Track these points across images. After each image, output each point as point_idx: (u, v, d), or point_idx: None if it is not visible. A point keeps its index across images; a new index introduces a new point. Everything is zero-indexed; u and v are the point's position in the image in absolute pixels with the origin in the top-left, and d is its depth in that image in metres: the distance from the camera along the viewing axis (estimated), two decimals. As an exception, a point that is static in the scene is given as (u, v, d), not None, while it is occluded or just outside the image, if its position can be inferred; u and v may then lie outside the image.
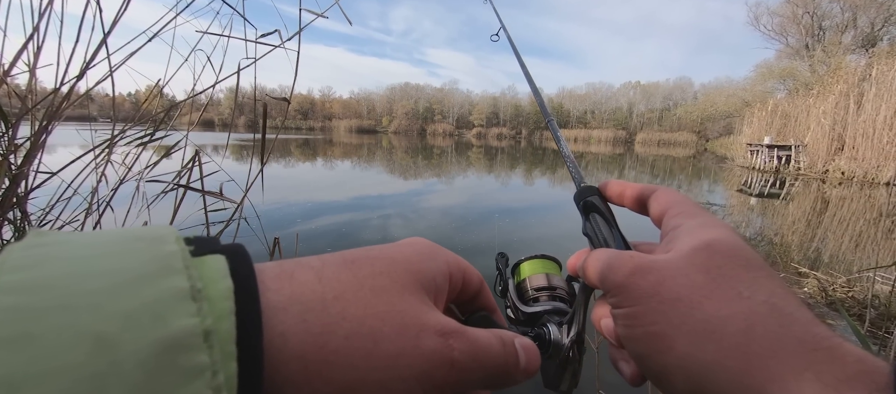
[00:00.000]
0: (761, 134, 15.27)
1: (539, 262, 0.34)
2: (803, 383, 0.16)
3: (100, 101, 7.53)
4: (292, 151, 14.95)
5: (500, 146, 26.76)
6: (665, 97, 59.05)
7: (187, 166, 0.97)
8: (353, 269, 0.17)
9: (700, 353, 0.18)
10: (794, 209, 6.42)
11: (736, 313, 0.18)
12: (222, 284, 0.12)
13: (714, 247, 0.21)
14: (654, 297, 0.20)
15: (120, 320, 0.10)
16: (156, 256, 0.12)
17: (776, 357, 0.17)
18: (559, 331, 0.28)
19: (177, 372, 0.10)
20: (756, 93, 29.43)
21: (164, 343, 0.10)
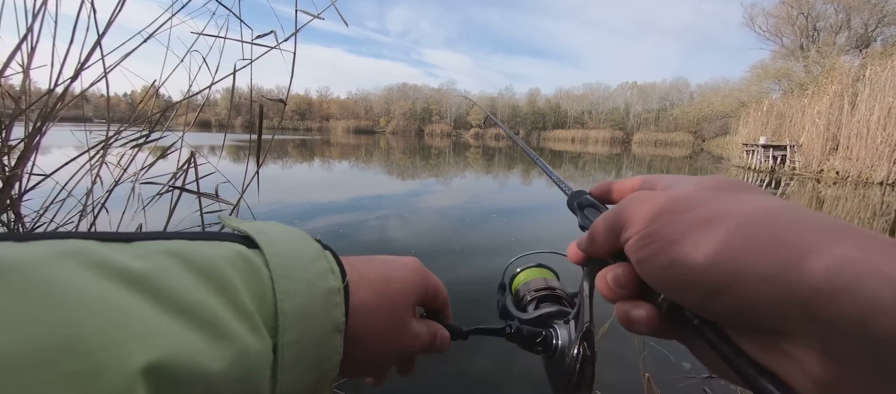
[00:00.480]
0: (757, 134, 15.38)
1: (535, 270, 0.35)
2: (838, 249, 0.15)
3: (95, 101, 7.49)
4: (290, 152, 14.90)
5: (497, 147, 26.80)
6: (662, 98, 59.34)
7: (183, 168, 0.97)
8: (388, 286, 0.27)
9: (729, 241, 0.17)
10: (790, 209, 6.47)
11: (759, 207, 0.18)
12: (337, 268, 0.24)
13: (718, 178, 0.22)
14: (667, 211, 0.20)
15: (314, 275, 0.22)
16: (313, 248, 0.24)
17: (808, 231, 0.16)
18: (567, 330, 0.27)
19: (332, 303, 0.22)
20: (752, 93, 29.64)
21: (329, 289, 0.22)
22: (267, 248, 0.21)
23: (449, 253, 3.31)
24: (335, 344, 0.22)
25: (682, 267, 0.18)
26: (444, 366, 1.71)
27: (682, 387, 1.66)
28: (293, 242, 0.23)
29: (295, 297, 0.20)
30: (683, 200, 0.20)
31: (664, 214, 0.20)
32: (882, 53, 12.24)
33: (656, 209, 0.21)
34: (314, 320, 0.21)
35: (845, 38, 26.96)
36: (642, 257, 0.20)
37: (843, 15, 26.83)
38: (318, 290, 0.21)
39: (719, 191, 0.20)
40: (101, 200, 0.98)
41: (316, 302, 0.21)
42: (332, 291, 0.22)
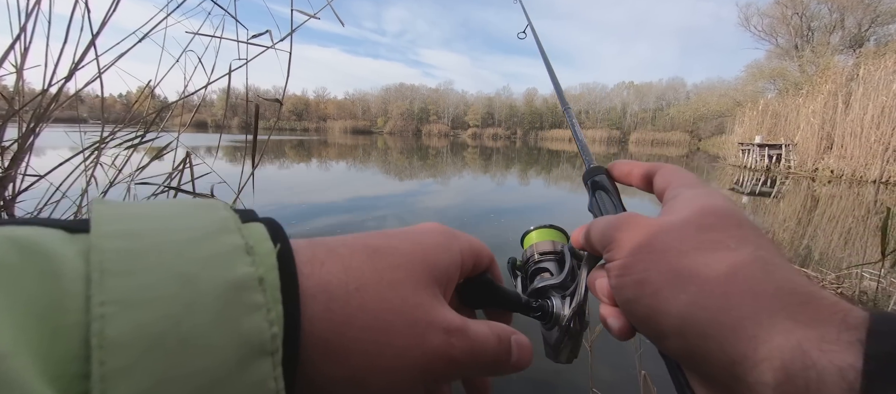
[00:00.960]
0: (752, 133, 15.48)
1: (546, 230, 0.36)
2: (777, 321, 0.17)
3: (89, 102, 7.43)
4: (286, 153, 14.85)
5: (495, 146, 26.83)
6: (658, 97, 59.64)
7: (178, 168, 0.96)
8: (375, 259, 0.18)
9: (683, 295, 0.19)
10: (785, 207, 6.52)
11: (721, 260, 0.19)
12: (266, 245, 0.15)
13: (707, 209, 0.22)
14: (645, 248, 0.22)
15: (198, 263, 0.13)
16: (216, 219, 0.15)
17: (755, 298, 0.18)
18: (562, 303, 0.29)
19: (242, 305, 0.13)
20: (747, 93, 29.83)
21: (233, 284, 0.13)
22: (101, 226, 0.13)
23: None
24: (256, 380, 0.12)
25: (643, 307, 0.21)
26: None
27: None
28: (170, 214, 0.14)
29: (140, 307, 0.11)
30: (665, 242, 0.21)
31: (643, 252, 0.22)
32: (875, 53, 12.37)
33: (639, 245, 0.22)
34: (194, 344, 0.11)
35: (839, 38, 27.20)
36: (614, 285, 0.23)
37: (837, 15, 27.07)
38: (204, 285, 0.12)
39: (702, 232, 0.21)
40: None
41: (199, 309, 0.12)
42: (240, 284, 0.13)
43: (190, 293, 0.12)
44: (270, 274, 0.14)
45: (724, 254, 0.20)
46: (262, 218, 0.17)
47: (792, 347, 0.16)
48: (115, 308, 0.11)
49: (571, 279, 0.31)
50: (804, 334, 0.16)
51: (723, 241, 0.20)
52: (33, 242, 0.11)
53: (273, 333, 0.13)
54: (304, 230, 3.83)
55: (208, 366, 0.11)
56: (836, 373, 0.14)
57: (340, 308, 0.15)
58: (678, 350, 0.20)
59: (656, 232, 0.22)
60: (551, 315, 0.29)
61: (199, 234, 0.14)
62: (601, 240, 0.25)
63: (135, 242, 0.12)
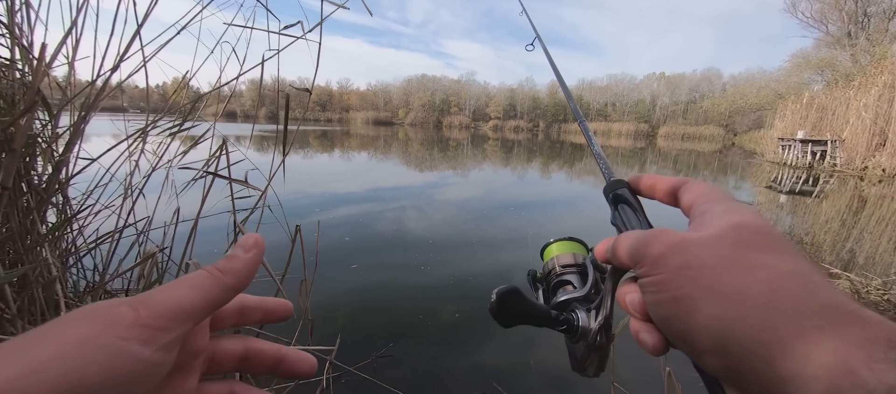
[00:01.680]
0: (795, 128, 14.50)
1: (567, 243, 0.36)
2: (825, 339, 0.17)
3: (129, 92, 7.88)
4: (311, 143, 15.23)
5: (516, 139, 26.46)
6: (691, 89, 56.68)
7: (215, 155, 1.01)
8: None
9: (724, 313, 0.19)
10: (828, 208, 6.10)
11: (761, 279, 0.19)
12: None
13: (742, 226, 0.22)
14: (682, 265, 0.22)
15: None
16: None
17: (799, 316, 0.18)
18: (587, 317, 0.29)
19: None
20: (790, 84, 27.85)
21: None
22: None
23: (466, 245, 3.32)
24: None
25: (680, 324, 0.21)
26: (459, 358, 1.73)
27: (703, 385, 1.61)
28: None
29: None
30: (701, 258, 0.21)
31: (679, 268, 0.22)
32: (942, 41, 11.22)
33: (675, 261, 0.22)
34: None
35: (900, 25, 24.82)
36: (649, 301, 0.23)
37: (899, -1, 24.66)
38: None
39: (739, 249, 0.21)
40: (141, 185, 1.04)
41: None
42: None
43: None
44: None
45: (763, 271, 0.19)
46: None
47: (840, 365, 0.16)
48: None
49: (596, 292, 0.30)
50: (852, 353, 0.16)
51: (760, 257, 0.20)
52: None
53: None
54: (327, 218, 3.94)
55: None
56: (885, 392, 0.15)
57: None
58: (719, 368, 0.20)
59: (692, 248, 0.22)
60: (577, 329, 0.29)
61: None
62: (632, 255, 0.25)
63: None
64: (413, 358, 1.72)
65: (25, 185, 0.86)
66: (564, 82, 0.55)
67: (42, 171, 0.93)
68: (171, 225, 1.09)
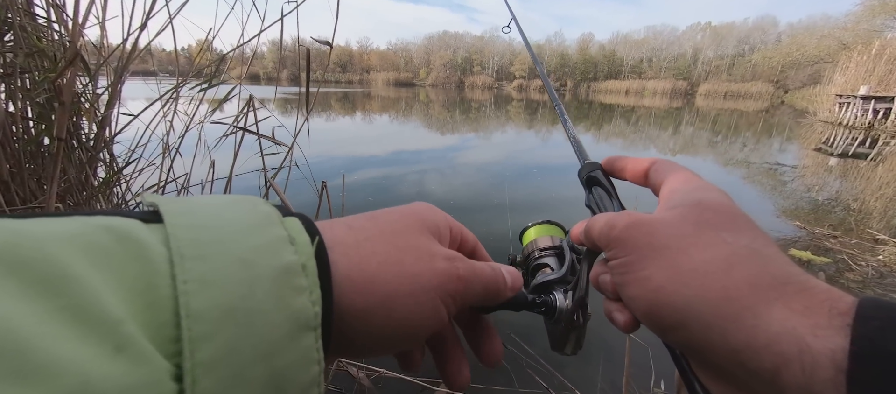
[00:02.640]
0: (857, 83, 12.99)
1: (544, 227, 0.37)
2: (774, 309, 0.18)
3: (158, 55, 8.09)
4: (332, 105, 15.29)
5: (542, 100, 25.40)
6: (740, 41, 51.46)
7: (243, 111, 1.04)
8: (375, 220, 0.21)
9: (685, 289, 0.20)
10: (885, 172, 5.59)
11: (718, 255, 0.21)
12: (304, 236, 0.17)
13: (703, 204, 0.23)
14: (646, 246, 0.23)
15: (253, 250, 0.15)
16: (261, 213, 0.17)
17: (752, 289, 0.19)
18: (564, 298, 0.30)
19: (291, 287, 0.15)
20: (859, 32, 24.65)
21: (282, 268, 0.15)
22: (172, 218, 0.15)
23: (486, 208, 3.34)
24: (304, 350, 0.15)
25: (646, 303, 0.22)
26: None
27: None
28: (223, 209, 0.16)
29: (213, 287, 0.13)
30: (664, 239, 0.22)
31: (644, 249, 0.23)
32: None
33: (639, 243, 0.23)
34: (256, 318, 0.14)
35: None
36: (617, 282, 0.24)
37: None
38: (260, 270, 0.14)
39: (699, 227, 0.22)
40: (177, 144, 1.10)
41: (258, 289, 0.14)
42: (288, 270, 0.15)
43: (250, 275, 0.14)
44: (310, 262, 0.16)
45: (721, 248, 0.21)
46: (295, 213, 0.19)
47: (788, 333, 0.17)
48: (196, 286, 0.13)
49: (572, 273, 0.31)
50: (799, 322, 0.17)
51: (719, 235, 0.21)
52: (126, 231, 0.13)
53: (315, 311, 0.15)
54: (351, 180, 4.04)
55: (269, 336, 0.14)
56: (828, 355, 0.16)
57: (355, 253, 0.19)
58: (683, 342, 0.21)
59: (655, 229, 0.23)
60: (555, 310, 0.30)
61: (250, 224, 0.16)
62: (601, 238, 0.26)
63: (201, 232, 0.15)
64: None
65: (76, 141, 0.92)
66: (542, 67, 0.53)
67: (88, 131, 0.99)
68: (207, 182, 1.16)
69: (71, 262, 0.11)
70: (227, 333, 0.13)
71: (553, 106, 0.48)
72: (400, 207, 0.24)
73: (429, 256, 0.21)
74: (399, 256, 0.20)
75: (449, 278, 0.21)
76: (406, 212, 0.23)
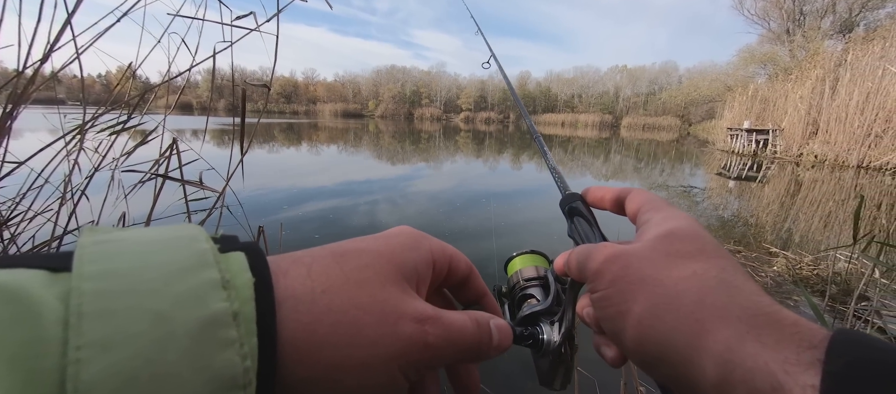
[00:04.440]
0: (741, 118, 15.64)
1: (529, 257, 0.36)
2: (746, 344, 0.18)
3: (67, 82, 7.09)
4: (276, 136, 14.57)
5: (488, 131, 26.68)
6: (651, 81, 59.59)
7: (165, 155, 0.95)
8: (341, 263, 0.19)
9: (660, 323, 0.21)
10: (769, 191, 6.68)
11: (690, 288, 0.21)
12: (244, 276, 0.15)
13: (674, 234, 0.24)
14: (622, 279, 0.23)
15: (172, 301, 0.13)
16: (194, 253, 0.15)
17: (723, 322, 0.19)
18: (551, 330, 0.29)
19: (215, 342, 0.13)
20: (738, 77, 29.94)
21: (205, 320, 0.13)
22: (82, 266, 0.13)
23: (439, 237, 3.34)
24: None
25: (628, 337, 0.22)
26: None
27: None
28: (151, 248, 0.15)
29: (115, 350, 0.12)
30: (639, 272, 0.23)
31: (620, 283, 0.23)
32: (864, 38, 12.45)
33: (616, 276, 0.24)
34: (166, 384, 0.12)
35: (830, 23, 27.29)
36: (599, 317, 0.24)
37: (829, -1, 27.07)
38: (177, 325, 0.13)
39: (670, 258, 0.23)
40: (81, 187, 0.95)
41: (171, 348, 0.12)
42: (213, 321, 0.13)
43: (162, 332, 0.12)
44: (246, 307, 0.14)
45: (691, 281, 0.21)
46: (244, 243, 0.17)
47: (761, 369, 0.17)
48: (91, 352, 0.11)
49: (558, 304, 0.31)
50: (770, 357, 0.17)
51: (689, 266, 0.22)
52: (15, 288, 0.12)
53: (245, 367, 0.14)
54: (295, 215, 3.81)
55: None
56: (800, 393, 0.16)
57: (307, 310, 0.16)
58: (667, 378, 0.21)
59: (630, 262, 0.23)
60: (542, 343, 0.29)
61: (176, 268, 0.14)
62: (581, 271, 0.26)
63: (112, 282, 0.13)
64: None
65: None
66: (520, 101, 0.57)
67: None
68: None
69: None
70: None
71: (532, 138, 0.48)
72: (377, 240, 0.21)
73: (394, 318, 0.18)
74: (357, 315, 0.17)
75: (413, 347, 0.18)
76: (381, 252, 0.20)
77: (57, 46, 0.75)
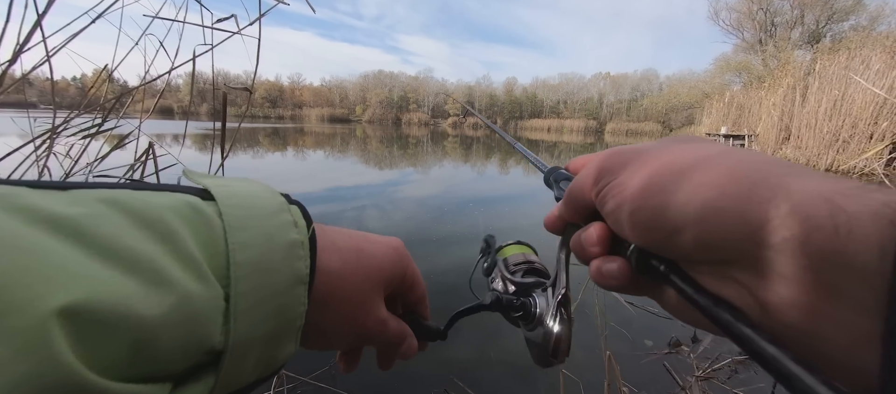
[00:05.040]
0: (719, 124, 16.23)
1: (515, 246, 0.37)
2: (791, 180, 0.16)
3: (39, 85, 6.79)
4: (261, 141, 14.31)
5: (475, 136, 26.87)
6: (633, 88, 61.24)
7: (141, 160, 0.91)
8: (359, 260, 0.27)
9: (687, 181, 0.19)
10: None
11: (712, 151, 0.20)
12: (302, 221, 0.24)
13: (679, 136, 0.24)
14: (633, 159, 0.22)
15: (274, 227, 0.22)
16: (277, 202, 0.23)
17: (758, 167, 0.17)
18: (545, 298, 0.28)
19: (294, 256, 0.22)
20: (715, 85, 31.11)
21: (290, 242, 0.22)
22: (222, 200, 0.21)
23: (427, 243, 3.33)
24: (298, 295, 0.22)
25: (651, 209, 0.20)
26: (422, 358, 1.73)
27: (643, 363, 1.77)
28: (254, 195, 0.23)
29: (250, 248, 0.20)
30: (648, 150, 0.22)
31: (631, 163, 0.22)
32: (830, 49, 13.13)
33: (624, 160, 0.23)
34: (273, 271, 0.21)
35: (799, 34, 28.70)
36: (613, 207, 0.22)
37: (798, 11, 28.48)
38: (277, 242, 0.21)
39: (679, 142, 0.23)
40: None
41: (276, 253, 0.21)
42: (293, 244, 0.22)
43: (271, 245, 0.21)
44: (306, 240, 0.23)
45: (713, 146, 0.21)
46: (295, 201, 0.25)
47: (813, 197, 0.15)
48: (238, 247, 0.20)
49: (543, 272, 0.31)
50: (824, 186, 0.15)
51: (699, 143, 0.22)
52: (200, 207, 0.20)
53: (306, 273, 0.22)
54: (280, 221, 3.73)
55: (279, 283, 0.21)
56: (869, 213, 0.14)
57: (331, 284, 0.25)
58: (692, 242, 0.18)
59: (638, 149, 0.23)
60: (533, 315, 0.28)
61: (270, 210, 0.22)
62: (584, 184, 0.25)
63: (241, 211, 0.21)
64: (374, 361, 1.69)
65: None
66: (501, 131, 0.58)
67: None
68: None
69: (173, 223, 0.18)
70: (255, 278, 0.20)
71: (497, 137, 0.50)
72: (381, 248, 0.29)
73: (367, 312, 0.27)
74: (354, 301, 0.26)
75: (367, 333, 0.28)
76: (383, 266, 0.28)
77: (27, 48, 0.72)
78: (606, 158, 0.24)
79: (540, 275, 0.33)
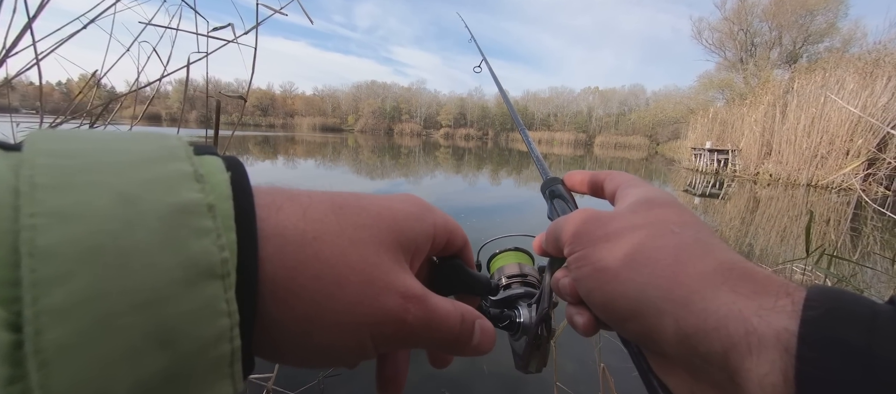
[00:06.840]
0: (704, 139, 16.68)
1: (512, 254, 0.37)
2: (720, 293, 0.18)
3: (22, 89, 6.64)
4: (251, 150, 14.15)
5: (467, 147, 27.06)
6: (621, 102, 62.81)
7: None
8: (340, 215, 0.17)
9: (637, 276, 0.21)
10: (731, 208, 7.09)
11: (667, 244, 0.21)
12: (220, 175, 0.14)
13: (652, 200, 0.25)
14: (600, 237, 0.24)
15: (139, 185, 0.12)
16: (163, 146, 0.14)
17: (699, 275, 0.19)
18: (528, 312, 0.30)
19: (188, 228, 0.13)
20: (699, 101, 32.11)
21: (177, 206, 0.13)
22: (35, 145, 0.12)
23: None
24: (206, 299, 0.12)
25: (602, 294, 0.22)
26: (412, 370, 1.70)
27: (635, 375, 1.76)
28: (113, 141, 0.14)
29: (74, 221, 0.11)
30: (618, 229, 0.23)
31: (599, 241, 0.23)
32: (807, 69, 13.71)
33: (595, 235, 0.24)
34: (134, 259, 0.11)
35: (777, 54, 29.94)
36: (576, 278, 0.24)
37: (776, 32, 29.78)
38: (146, 206, 0.12)
39: (649, 219, 0.23)
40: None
41: (139, 227, 0.12)
42: (186, 209, 0.13)
43: (130, 212, 0.12)
44: (223, 204, 0.14)
45: (669, 238, 0.22)
46: (224, 155, 0.16)
47: (734, 315, 0.17)
48: (47, 220, 0.11)
49: (536, 287, 0.31)
50: (744, 304, 0.17)
51: (667, 226, 0.23)
52: None
53: (223, 257, 0.13)
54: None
55: (152, 282, 0.12)
56: (774, 336, 0.16)
57: (294, 253, 0.15)
58: (638, 333, 0.21)
59: (608, 222, 0.24)
60: (518, 326, 0.29)
61: (142, 157, 0.13)
62: (558, 237, 0.27)
63: (69, 160, 0.12)
64: (364, 375, 1.66)
65: None
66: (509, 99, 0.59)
67: None
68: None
69: None
70: (89, 275, 0.11)
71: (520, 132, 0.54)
72: (382, 201, 0.20)
73: (380, 286, 0.17)
74: (343, 272, 0.16)
75: (390, 320, 0.17)
76: (383, 215, 0.19)
77: (13, 53, 0.71)
78: (584, 223, 0.25)
79: (531, 286, 0.33)
